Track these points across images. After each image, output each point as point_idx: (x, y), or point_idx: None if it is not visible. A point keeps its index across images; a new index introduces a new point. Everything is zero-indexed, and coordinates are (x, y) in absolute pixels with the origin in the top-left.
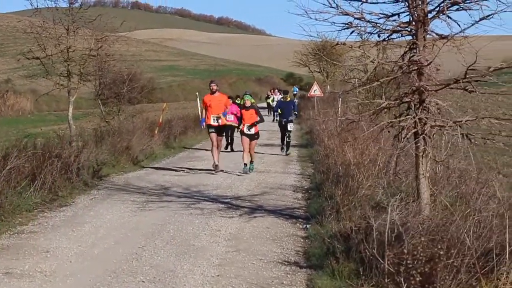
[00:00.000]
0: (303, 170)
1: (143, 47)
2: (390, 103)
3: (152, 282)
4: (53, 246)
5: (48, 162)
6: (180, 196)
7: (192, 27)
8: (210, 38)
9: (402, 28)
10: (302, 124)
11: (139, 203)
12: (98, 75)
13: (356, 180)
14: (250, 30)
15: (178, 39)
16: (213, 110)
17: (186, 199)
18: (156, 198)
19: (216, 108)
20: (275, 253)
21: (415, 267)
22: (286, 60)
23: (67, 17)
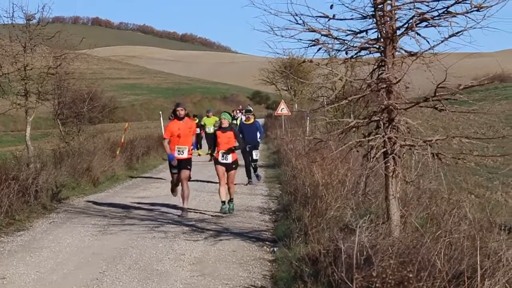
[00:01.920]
0: (270, 191)
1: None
2: (359, 122)
3: None
4: (10, 272)
5: (5, 184)
6: (143, 219)
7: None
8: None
9: (370, 45)
10: (269, 144)
11: (100, 226)
12: (57, 94)
13: (324, 201)
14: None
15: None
16: (181, 140)
17: (149, 222)
18: (118, 221)
19: (184, 139)
20: (242, 277)
21: None
22: (252, 78)
23: (24, 34)
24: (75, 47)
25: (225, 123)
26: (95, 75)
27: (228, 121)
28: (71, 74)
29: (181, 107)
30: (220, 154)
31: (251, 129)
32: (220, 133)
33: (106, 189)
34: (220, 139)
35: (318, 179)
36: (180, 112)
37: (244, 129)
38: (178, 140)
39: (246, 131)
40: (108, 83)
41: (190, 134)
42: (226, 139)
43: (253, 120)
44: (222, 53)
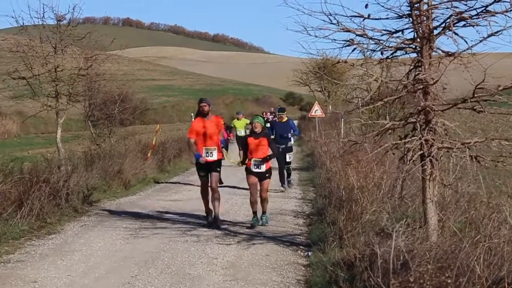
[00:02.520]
0: (304, 194)
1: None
2: (395, 123)
3: None
4: (41, 276)
5: (36, 187)
6: (175, 222)
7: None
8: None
9: (406, 45)
10: (303, 146)
11: (131, 229)
12: (88, 96)
13: (360, 204)
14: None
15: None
16: (208, 140)
17: (182, 225)
18: (150, 225)
19: (212, 137)
20: (275, 282)
21: None
22: (286, 79)
23: (54, 35)
24: (106, 48)
25: (258, 127)
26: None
27: (261, 125)
28: (102, 76)
29: (205, 102)
30: (252, 162)
31: (284, 128)
32: (252, 140)
33: (138, 192)
34: (252, 146)
35: (353, 182)
36: (204, 108)
37: (276, 127)
38: (205, 140)
39: (279, 130)
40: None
41: (217, 132)
42: (259, 147)
43: (287, 119)
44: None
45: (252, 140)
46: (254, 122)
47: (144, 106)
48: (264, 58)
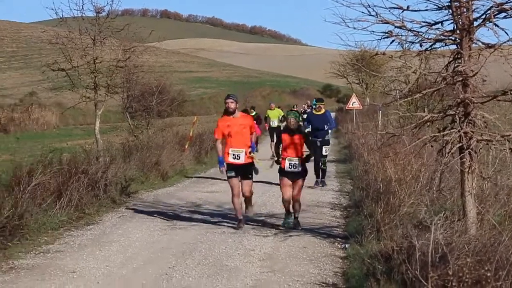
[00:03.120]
0: (341, 186)
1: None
2: (434, 116)
3: None
4: (80, 266)
5: (75, 178)
6: (212, 214)
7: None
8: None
9: (445, 37)
10: (340, 138)
11: (169, 221)
12: (126, 87)
13: (397, 197)
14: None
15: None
16: (234, 141)
17: (219, 217)
18: (187, 216)
19: (238, 138)
20: (312, 274)
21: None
22: (323, 71)
23: (93, 27)
24: (144, 40)
25: (293, 123)
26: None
27: (296, 121)
28: (140, 67)
29: (232, 98)
30: (287, 162)
31: (321, 120)
32: (286, 137)
33: (175, 183)
34: (286, 144)
35: (391, 174)
36: (230, 105)
37: (313, 120)
38: (231, 141)
39: (315, 123)
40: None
41: (246, 133)
42: (294, 144)
43: (324, 111)
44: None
45: (286, 136)
46: (289, 118)
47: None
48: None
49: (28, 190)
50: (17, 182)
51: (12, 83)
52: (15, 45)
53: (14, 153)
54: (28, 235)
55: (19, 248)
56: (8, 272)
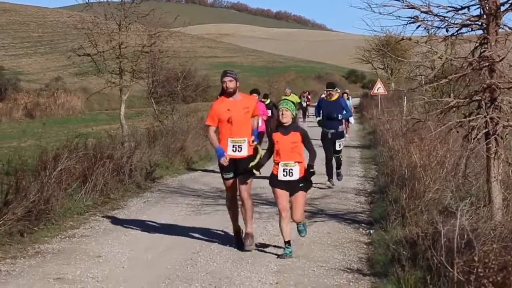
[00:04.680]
0: (366, 172)
1: (198, 43)
2: (459, 101)
3: None
4: (105, 251)
5: (100, 163)
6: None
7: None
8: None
9: (472, 22)
10: (365, 124)
11: (193, 206)
12: (151, 73)
13: (422, 183)
14: (309, 25)
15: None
16: (235, 129)
17: None
18: (212, 201)
19: (240, 126)
20: (337, 259)
21: (487, 276)
22: (348, 57)
23: (119, 12)
24: (169, 25)
25: (287, 117)
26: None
27: (291, 114)
28: (165, 53)
29: (230, 76)
30: (280, 168)
31: (334, 107)
32: (279, 136)
33: (200, 169)
34: (279, 146)
35: (416, 160)
36: (229, 84)
37: (325, 107)
38: (231, 129)
39: (327, 111)
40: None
41: (248, 118)
42: (290, 146)
43: (337, 97)
44: (316, 31)
45: (279, 136)
46: (281, 110)
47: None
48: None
49: (54, 175)
50: (43, 167)
51: (38, 68)
52: (41, 30)
53: (40, 138)
54: (54, 219)
55: (45, 233)
56: (34, 256)
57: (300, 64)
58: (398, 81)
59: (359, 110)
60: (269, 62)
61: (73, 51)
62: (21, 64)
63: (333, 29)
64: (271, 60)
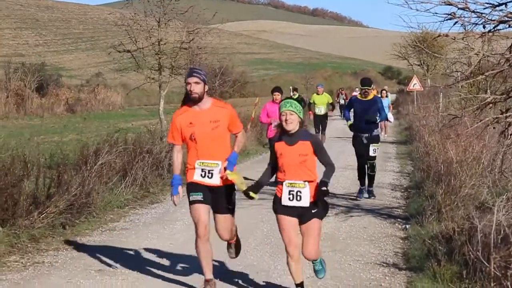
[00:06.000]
0: (402, 167)
1: (236, 40)
2: (496, 97)
3: (246, 283)
4: (145, 244)
5: (139, 158)
6: (273, 194)
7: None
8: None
9: (509, 18)
10: (401, 120)
11: None
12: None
13: (458, 178)
14: (346, 21)
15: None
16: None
17: None
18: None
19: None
20: (373, 254)
21: None
22: (384, 53)
23: (158, 9)
24: (208, 22)
25: (293, 122)
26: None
27: (299, 117)
28: (203, 49)
29: (196, 76)
30: (285, 189)
31: (369, 108)
32: (283, 146)
33: (238, 163)
34: (284, 159)
35: (452, 156)
36: (193, 87)
37: (357, 108)
38: (196, 148)
39: (360, 111)
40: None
41: (220, 135)
42: (297, 159)
43: (373, 96)
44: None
45: (283, 147)
46: (284, 112)
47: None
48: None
49: (95, 169)
50: (84, 161)
51: (79, 64)
52: (82, 27)
53: (81, 132)
54: (95, 212)
55: (86, 226)
56: (76, 249)
57: (336, 60)
58: (434, 78)
59: (395, 106)
60: (305, 58)
61: (113, 47)
62: (63, 60)
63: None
64: (307, 57)
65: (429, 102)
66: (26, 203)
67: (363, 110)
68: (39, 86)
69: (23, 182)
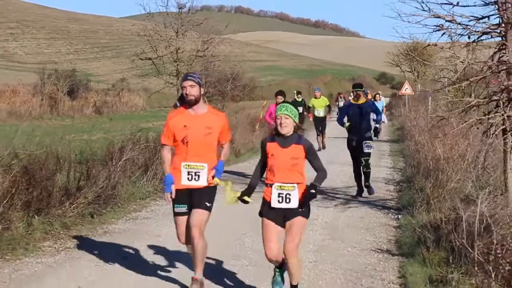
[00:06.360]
0: (395, 164)
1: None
2: (479, 101)
3: (254, 266)
4: (164, 231)
5: (159, 154)
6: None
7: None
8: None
9: (491, 30)
10: (394, 121)
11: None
12: (204, 74)
13: (445, 173)
14: (344, 32)
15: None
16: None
17: None
18: (258, 189)
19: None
20: (368, 241)
21: (504, 256)
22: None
23: (176, 21)
24: (220, 33)
25: (288, 126)
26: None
27: (293, 121)
28: (216, 57)
29: (191, 79)
30: (274, 191)
31: (362, 113)
32: (275, 148)
33: (247, 160)
34: (275, 160)
35: (440, 153)
36: (189, 90)
37: (351, 111)
38: (186, 151)
39: (353, 115)
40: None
41: (210, 142)
42: (289, 162)
43: (365, 100)
44: (351, 38)
45: (275, 148)
46: (279, 116)
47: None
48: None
49: (120, 164)
50: (110, 158)
51: (105, 70)
52: (108, 37)
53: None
54: (120, 203)
55: (112, 215)
56: (103, 235)
57: (336, 67)
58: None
59: (389, 109)
60: (308, 65)
61: (136, 55)
62: (91, 67)
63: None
64: (310, 64)
65: (419, 105)
66: (59, 195)
67: (355, 113)
68: (70, 90)
69: (56, 175)
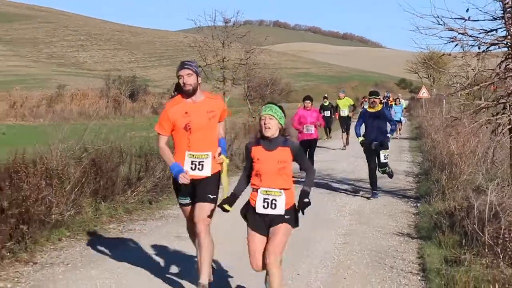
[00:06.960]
0: (414, 158)
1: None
2: (488, 103)
3: (292, 247)
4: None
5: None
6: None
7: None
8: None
9: (499, 41)
10: (413, 121)
11: None
12: (246, 80)
13: (458, 167)
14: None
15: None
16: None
17: (317, 181)
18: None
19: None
20: (391, 226)
21: (511, 240)
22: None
23: (222, 33)
24: (261, 44)
25: (272, 127)
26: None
27: (278, 123)
28: (257, 65)
29: (188, 68)
30: (259, 196)
31: (378, 119)
32: (260, 152)
33: None
34: (260, 165)
35: (453, 149)
36: (186, 79)
37: (367, 118)
38: (189, 139)
39: (370, 122)
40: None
41: (214, 125)
42: (275, 166)
43: (381, 107)
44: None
45: (261, 152)
46: (263, 117)
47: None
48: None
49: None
50: None
51: (161, 76)
52: (164, 48)
53: None
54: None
55: (167, 202)
56: (160, 219)
57: (361, 74)
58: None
59: (408, 110)
60: (337, 72)
61: None
62: (149, 73)
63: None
64: (339, 71)
65: (435, 107)
66: (122, 184)
67: (373, 119)
68: (131, 93)
69: (119, 167)
